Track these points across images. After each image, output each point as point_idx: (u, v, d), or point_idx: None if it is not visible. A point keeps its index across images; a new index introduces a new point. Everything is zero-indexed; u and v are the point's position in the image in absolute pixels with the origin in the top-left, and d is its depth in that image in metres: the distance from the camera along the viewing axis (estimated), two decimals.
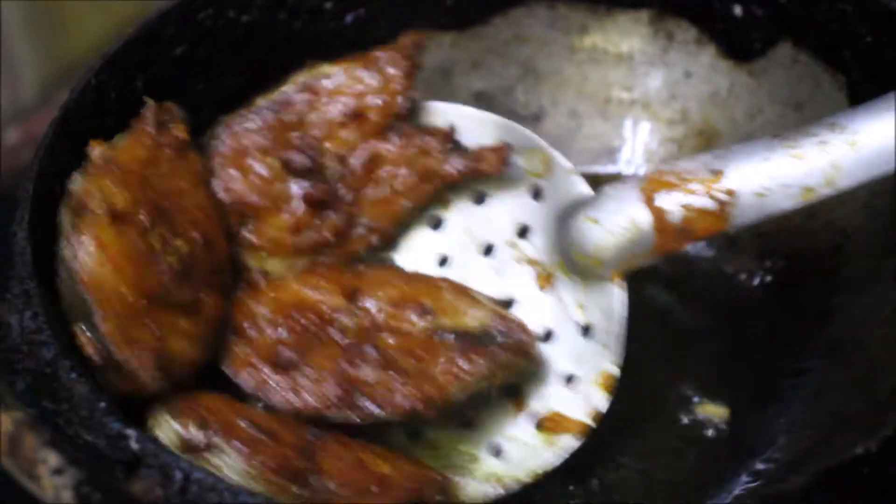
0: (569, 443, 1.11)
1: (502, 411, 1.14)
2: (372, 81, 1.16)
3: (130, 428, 0.91)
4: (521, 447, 1.12)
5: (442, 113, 1.18)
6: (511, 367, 1.11)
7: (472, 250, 1.20)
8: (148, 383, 1.00)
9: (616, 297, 1.11)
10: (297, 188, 1.15)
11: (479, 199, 1.19)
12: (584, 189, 1.14)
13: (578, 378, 1.13)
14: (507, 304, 1.17)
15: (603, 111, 1.36)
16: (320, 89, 1.16)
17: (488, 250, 1.19)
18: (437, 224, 1.20)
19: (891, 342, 1.13)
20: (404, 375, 1.08)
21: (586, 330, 1.14)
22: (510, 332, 1.11)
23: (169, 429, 0.98)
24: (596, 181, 1.15)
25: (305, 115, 1.16)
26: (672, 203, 1.08)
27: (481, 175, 1.16)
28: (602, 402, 1.11)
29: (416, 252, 1.20)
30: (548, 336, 1.15)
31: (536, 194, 1.17)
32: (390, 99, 1.16)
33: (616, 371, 1.11)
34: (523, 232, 1.18)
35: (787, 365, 1.20)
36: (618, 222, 1.09)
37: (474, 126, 1.17)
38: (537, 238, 1.17)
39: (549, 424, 1.12)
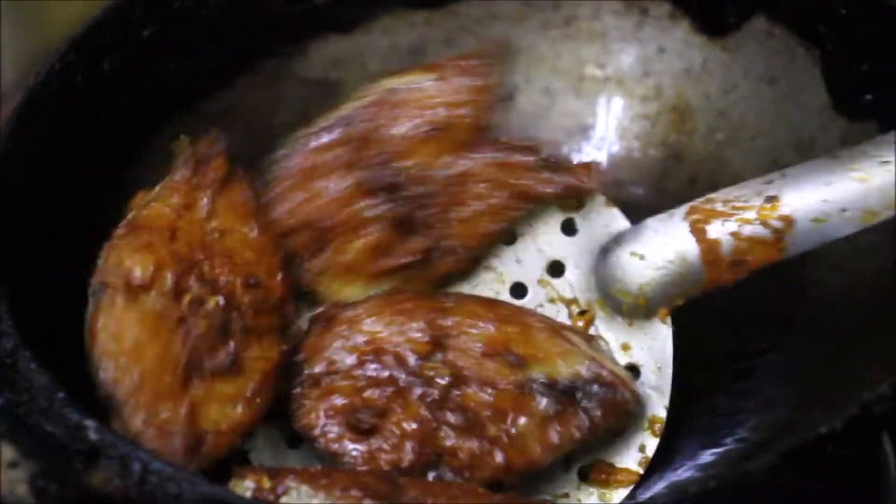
0: (619, 495, 1.05)
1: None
2: (458, 92, 1.08)
3: (89, 418, 0.91)
4: None
5: None
6: (606, 428, 1.04)
7: (503, 294, 1.13)
8: (186, 464, 0.97)
9: (664, 336, 1.08)
10: (374, 209, 1.06)
11: (510, 240, 1.13)
12: (622, 222, 1.10)
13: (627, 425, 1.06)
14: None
15: (576, 88, 1.35)
16: (398, 102, 1.08)
17: (520, 292, 1.13)
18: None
19: (862, 320, 1.12)
20: (489, 443, 1.00)
21: (633, 372, 1.08)
22: (609, 386, 1.03)
23: (241, 488, 0.95)
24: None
25: (382, 130, 1.07)
26: (723, 233, 1.03)
27: (577, 193, 1.09)
28: (652, 448, 1.06)
29: None
30: None
31: (569, 229, 1.12)
32: (477, 111, 1.08)
33: (665, 414, 1.07)
34: (556, 269, 1.11)
35: (759, 343, 1.19)
36: (664, 256, 1.05)
37: None
38: (572, 275, 1.11)
39: (597, 476, 1.06)
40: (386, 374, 1.02)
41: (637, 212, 1.14)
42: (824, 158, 1.04)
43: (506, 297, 1.12)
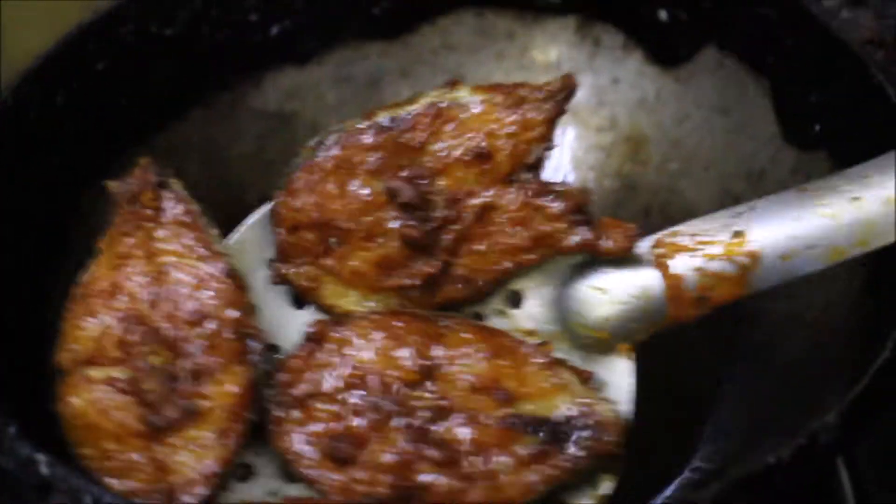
0: None
1: None
2: (510, 121, 1.03)
3: (41, 453, 0.91)
4: None
5: None
6: (587, 469, 1.01)
7: None
8: None
9: (624, 372, 1.05)
10: (393, 222, 1.03)
11: None
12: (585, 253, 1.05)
13: None
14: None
15: None
16: (450, 116, 1.03)
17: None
18: None
19: (812, 347, 1.13)
20: (466, 480, 0.98)
21: None
22: (596, 429, 1.00)
23: None
24: None
25: (426, 142, 1.03)
26: (688, 268, 1.01)
27: (601, 254, 1.03)
28: (609, 487, 1.03)
29: None
30: None
31: None
32: (525, 146, 1.03)
33: (622, 452, 1.02)
34: (516, 300, 1.08)
35: (713, 371, 1.20)
36: (627, 291, 1.02)
37: None
38: (532, 307, 1.07)
39: None
40: (369, 401, 1.00)
41: None
42: (794, 191, 1.02)
43: None
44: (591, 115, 1.35)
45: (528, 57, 1.36)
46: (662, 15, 1.29)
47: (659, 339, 1.14)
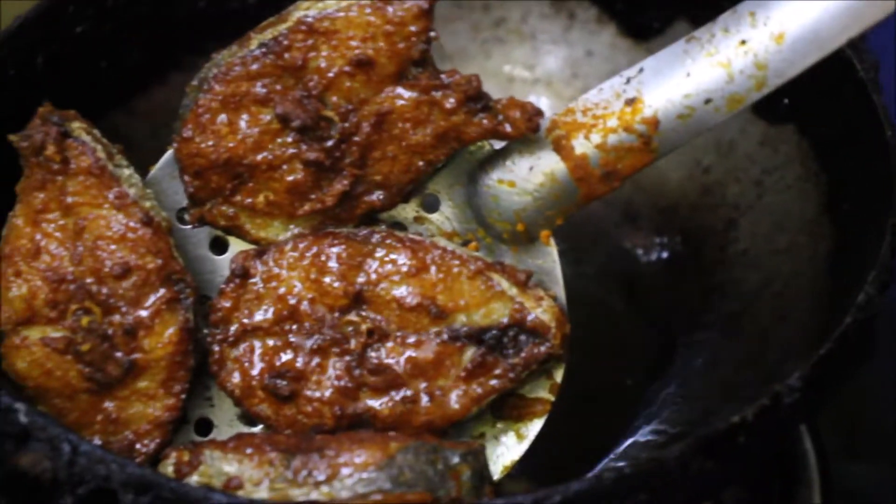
0: (535, 427, 1.04)
1: None
2: (382, 22, 0.99)
3: (19, 402, 0.92)
4: (490, 444, 1.04)
5: None
6: (528, 374, 1.02)
7: None
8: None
9: (550, 258, 1.04)
10: (293, 147, 1.02)
11: None
12: (486, 147, 1.04)
13: None
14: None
15: (506, 89, 1.37)
16: (323, 29, 1.00)
17: (400, 230, 1.07)
18: None
19: (779, 315, 1.15)
20: (412, 403, 1.00)
21: None
22: (533, 332, 1.00)
23: (165, 467, 0.97)
24: None
25: (306, 59, 1.01)
26: (588, 147, 0.98)
27: (504, 138, 1.01)
28: (559, 374, 1.04)
29: None
30: None
31: None
32: (405, 43, 1.00)
33: (564, 352, 1.02)
34: (432, 204, 1.07)
35: (682, 337, 1.22)
36: (533, 181, 1.00)
37: None
38: (447, 209, 1.06)
39: (510, 412, 1.04)
40: (302, 332, 1.01)
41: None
42: (681, 44, 0.98)
43: None
44: (566, 86, 1.37)
45: (504, 28, 1.37)
46: None
47: (635, 302, 1.16)
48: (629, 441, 1.14)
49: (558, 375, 1.04)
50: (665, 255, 1.30)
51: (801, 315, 1.13)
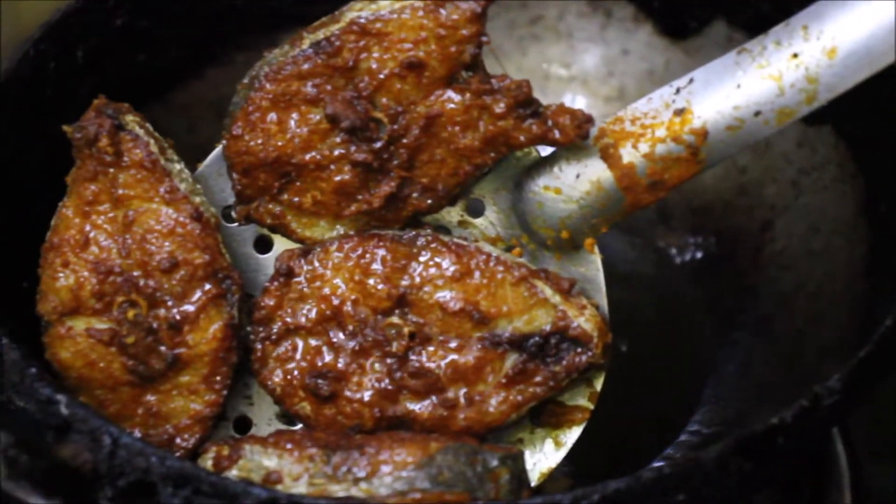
0: (573, 435, 1.04)
1: None
2: (435, 25, 0.99)
3: (60, 393, 0.92)
4: (528, 450, 1.04)
5: None
6: (569, 381, 1.01)
7: None
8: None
9: (593, 266, 1.04)
10: (341, 148, 1.01)
11: None
12: (533, 153, 1.04)
13: None
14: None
15: (542, 87, 1.37)
16: (375, 31, 1.00)
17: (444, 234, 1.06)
18: None
19: (814, 317, 1.15)
20: (452, 408, 1.00)
21: None
22: (575, 341, 1.00)
23: (204, 461, 0.98)
24: None
25: (357, 61, 1.00)
26: (636, 156, 0.98)
27: (553, 144, 1.01)
28: (599, 382, 1.04)
29: None
30: None
31: None
32: (457, 46, 0.99)
33: (605, 361, 1.02)
34: (476, 208, 1.06)
35: (716, 338, 1.22)
36: (580, 188, 1.00)
37: None
38: (492, 214, 1.06)
39: (548, 419, 1.04)
40: (345, 333, 1.01)
41: None
42: (732, 55, 0.97)
43: None
44: (601, 84, 1.37)
45: (541, 26, 1.37)
46: None
47: (668, 302, 1.16)
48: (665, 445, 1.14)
49: (598, 384, 1.04)
50: (699, 255, 1.30)
51: (837, 317, 1.12)
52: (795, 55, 0.94)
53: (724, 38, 1.29)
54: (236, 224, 1.07)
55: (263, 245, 1.08)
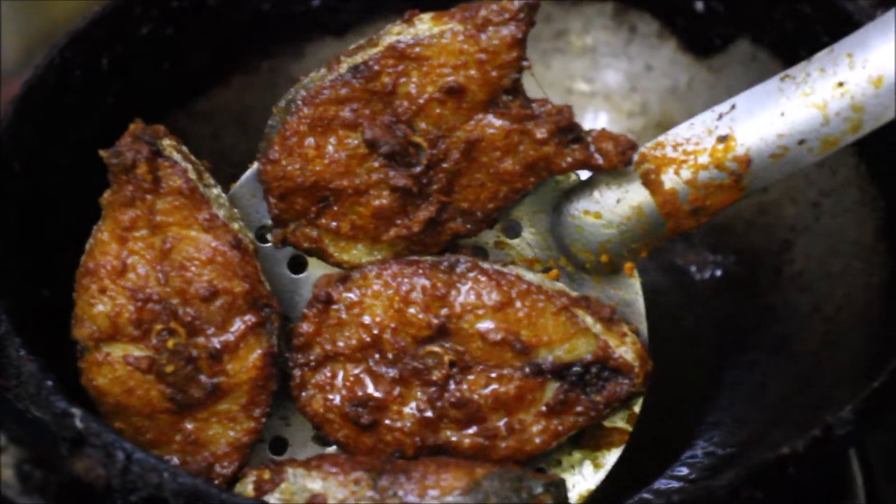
0: (612, 457, 1.04)
1: None
2: (475, 50, 0.97)
3: (76, 406, 0.93)
4: (566, 472, 1.04)
5: None
6: (610, 410, 1.02)
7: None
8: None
9: (633, 290, 1.04)
10: (380, 173, 1.00)
11: None
12: (572, 177, 1.02)
13: None
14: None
15: (564, 102, 1.35)
16: (414, 55, 0.98)
17: (480, 256, 1.06)
18: None
19: (830, 341, 1.15)
20: (493, 438, 1.00)
21: None
22: (615, 372, 1.00)
23: (244, 485, 0.98)
24: None
25: (396, 85, 0.99)
26: (678, 182, 0.97)
27: (595, 169, 1.00)
28: (637, 404, 1.04)
29: None
30: None
31: None
32: (497, 71, 0.98)
33: (645, 390, 1.02)
34: (513, 229, 1.05)
35: (733, 357, 1.22)
36: (620, 213, 0.99)
37: None
38: (529, 235, 1.05)
39: (587, 441, 1.04)
40: (384, 361, 1.00)
41: None
42: (775, 81, 0.97)
43: None
44: (624, 100, 1.37)
45: (564, 40, 1.37)
46: (698, 5, 1.31)
47: (685, 320, 1.15)
48: (679, 463, 1.14)
49: (637, 406, 1.04)
50: (718, 273, 1.30)
51: (853, 342, 1.12)
52: (841, 84, 0.93)
53: (748, 56, 1.29)
54: (270, 244, 1.06)
55: (297, 264, 1.08)
